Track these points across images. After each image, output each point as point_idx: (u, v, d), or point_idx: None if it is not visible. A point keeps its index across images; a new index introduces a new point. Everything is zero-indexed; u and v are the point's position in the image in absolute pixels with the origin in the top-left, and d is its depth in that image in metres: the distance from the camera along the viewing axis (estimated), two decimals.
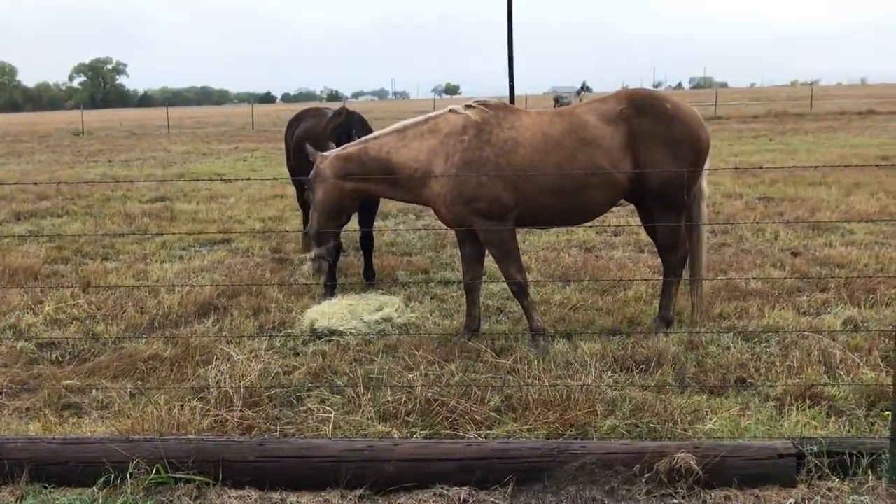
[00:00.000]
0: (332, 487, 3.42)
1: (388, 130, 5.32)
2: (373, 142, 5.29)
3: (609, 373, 4.67)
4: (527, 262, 7.27)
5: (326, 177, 5.29)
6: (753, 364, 4.73)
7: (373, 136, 5.38)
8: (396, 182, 5.19)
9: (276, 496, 3.42)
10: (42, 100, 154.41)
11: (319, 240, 5.55)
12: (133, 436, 3.70)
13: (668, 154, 5.08)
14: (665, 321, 5.44)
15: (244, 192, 13.36)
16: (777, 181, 12.34)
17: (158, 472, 3.42)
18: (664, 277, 5.54)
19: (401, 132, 5.22)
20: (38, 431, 4.06)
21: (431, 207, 5.28)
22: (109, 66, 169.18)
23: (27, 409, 4.45)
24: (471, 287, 5.46)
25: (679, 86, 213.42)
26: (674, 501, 3.28)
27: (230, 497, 3.40)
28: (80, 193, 13.44)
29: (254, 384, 4.41)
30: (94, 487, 3.43)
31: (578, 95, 46.99)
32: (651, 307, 5.94)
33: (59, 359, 5.26)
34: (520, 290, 5.25)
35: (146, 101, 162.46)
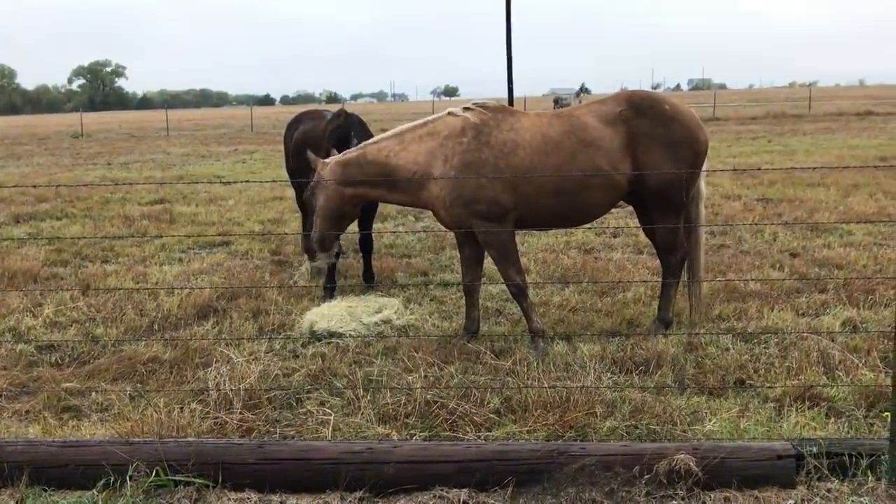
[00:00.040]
0: (332, 489, 3.42)
1: (388, 135, 5.34)
2: (372, 146, 5.30)
3: (608, 374, 4.68)
4: (526, 264, 7.28)
5: (327, 183, 5.32)
6: (753, 365, 4.74)
7: (372, 141, 5.40)
8: (396, 185, 5.20)
9: (276, 498, 3.42)
10: (41, 102, 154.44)
11: (322, 245, 5.60)
12: (133, 438, 3.71)
13: (667, 155, 5.09)
14: (664, 322, 5.44)
15: (243, 195, 13.35)
16: (776, 182, 12.35)
17: (158, 475, 3.43)
18: (663, 279, 5.54)
19: (399, 136, 5.24)
20: (38, 434, 4.06)
21: (431, 210, 5.28)
22: (108, 69, 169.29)
23: (27, 412, 4.45)
24: (470, 289, 5.46)
25: (678, 87, 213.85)
26: (673, 503, 3.28)
27: (230, 499, 3.40)
28: (80, 196, 13.44)
29: (253, 386, 4.41)
30: (94, 490, 3.43)
31: (578, 97, 47.10)
32: (650, 309, 5.95)
33: (59, 361, 5.26)
34: (519, 292, 5.25)
35: (145, 104, 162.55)
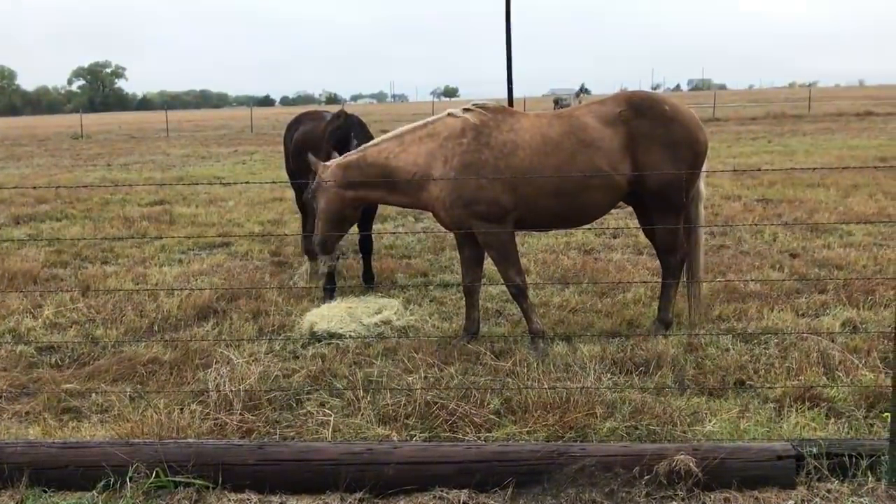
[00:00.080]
0: (332, 491, 3.42)
1: (388, 136, 5.34)
2: (372, 149, 5.31)
3: (608, 375, 4.67)
4: (526, 265, 7.28)
5: (328, 186, 5.33)
6: (752, 366, 4.74)
7: (372, 143, 5.41)
8: (396, 187, 5.20)
9: (276, 500, 3.42)
10: (41, 103, 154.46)
11: (324, 248, 5.62)
12: (133, 439, 3.71)
13: (667, 156, 5.10)
14: (664, 323, 5.44)
15: (243, 196, 13.36)
16: (775, 183, 12.35)
17: (158, 476, 3.43)
18: (663, 279, 5.54)
19: (399, 137, 5.24)
20: (38, 435, 4.07)
21: (431, 211, 5.29)
22: (108, 70, 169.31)
23: (27, 413, 4.45)
24: (470, 290, 5.46)
25: (677, 87, 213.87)
26: (673, 503, 3.28)
27: (230, 501, 3.40)
28: (79, 197, 13.44)
29: (253, 387, 4.41)
30: (94, 491, 3.43)
31: (577, 97, 47.14)
32: (650, 309, 5.95)
33: (59, 362, 5.26)
34: (519, 293, 5.25)
35: (145, 105, 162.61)
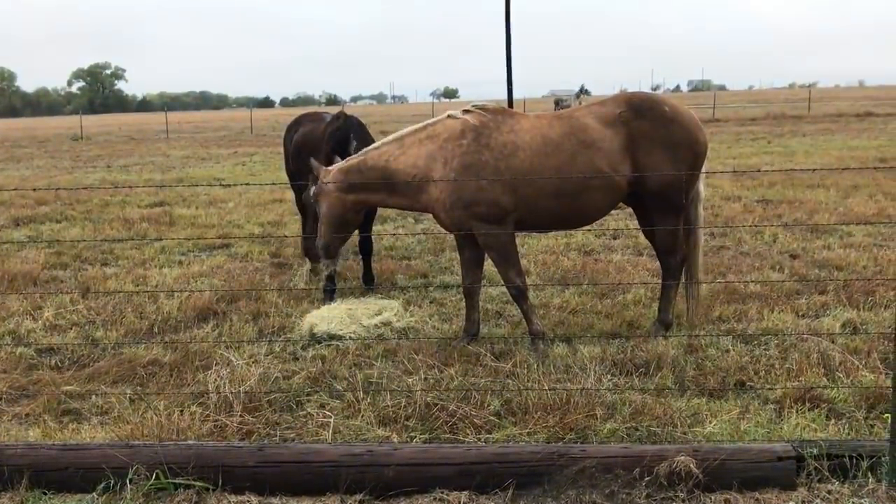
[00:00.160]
0: (332, 492, 3.42)
1: (388, 139, 5.36)
2: (373, 152, 5.32)
3: (608, 376, 4.67)
4: (526, 266, 7.28)
5: (330, 190, 5.34)
6: (753, 367, 4.73)
7: (373, 147, 5.42)
8: (396, 190, 5.21)
9: (276, 501, 3.42)
10: (41, 105, 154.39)
11: (327, 252, 5.64)
12: (133, 441, 3.70)
13: (667, 157, 5.10)
14: (664, 324, 5.44)
15: (243, 197, 13.36)
16: (775, 184, 12.35)
17: (158, 478, 3.42)
18: (663, 281, 5.54)
19: (399, 140, 5.25)
20: (38, 437, 4.06)
21: (431, 213, 5.29)
22: (108, 71, 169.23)
23: (27, 415, 4.45)
24: (470, 291, 5.46)
25: (677, 88, 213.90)
26: None
27: (230, 502, 3.40)
28: (79, 199, 13.44)
29: (253, 389, 4.40)
30: (94, 493, 3.43)
31: (578, 98, 47.18)
32: (650, 310, 5.95)
33: (59, 364, 5.26)
34: (519, 294, 5.25)
35: (145, 106, 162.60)
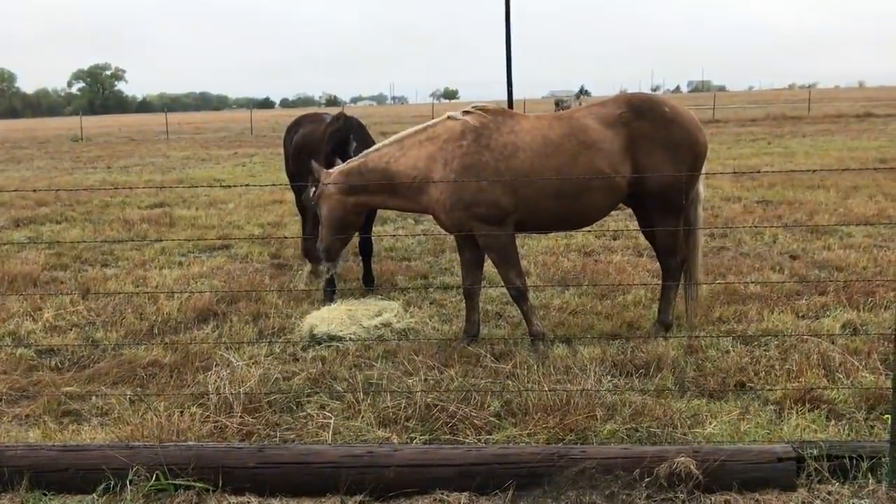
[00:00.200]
0: (332, 493, 3.42)
1: (389, 141, 5.37)
2: (373, 154, 5.33)
3: (608, 377, 4.67)
4: (526, 267, 7.27)
5: (331, 193, 5.35)
6: (753, 368, 4.73)
7: (373, 149, 5.42)
8: (397, 192, 5.22)
9: (276, 502, 3.42)
10: (41, 106, 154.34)
11: (329, 255, 5.66)
12: (133, 442, 3.70)
13: (668, 157, 5.10)
14: (664, 325, 5.44)
15: (243, 198, 13.36)
16: (775, 184, 12.35)
17: (158, 479, 3.42)
18: (663, 281, 5.54)
19: (399, 142, 5.26)
20: (38, 438, 4.06)
21: (431, 214, 5.29)
22: (108, 72, 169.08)
23: (27, 416, 4.45)
24: (470, 292, 5.46)
25: (677, 89, 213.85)
26: None
27: (230, 503, 3.40)
28: (79, 200, 13.45)
29: (253, 390, 4.41)
30: (94, 494, 3.43)
31: (578, 99, 47.21)
32: (650, 311, 5.95)
33: (59, 365, 5.26)
34: (519, 295, 5.25)
35: (145, 107, 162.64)
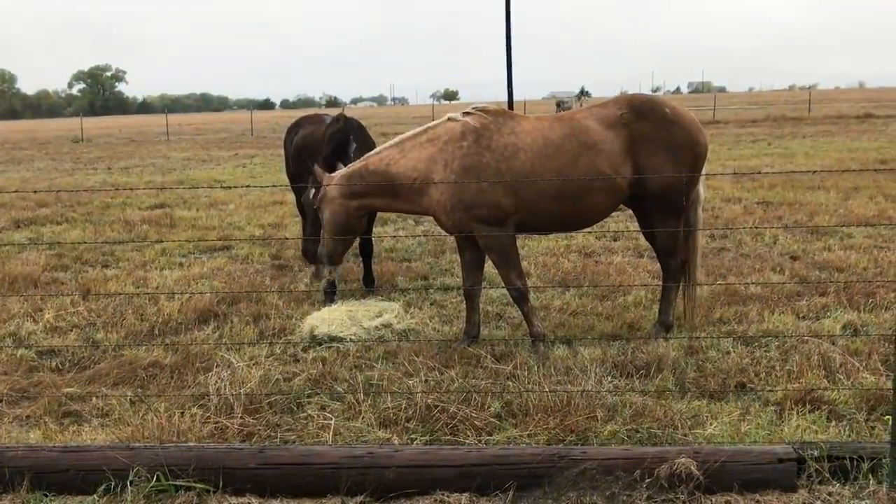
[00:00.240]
0: (333, 494, 3.42)
1: (389, 144, 5.38)
2: (374, 157, 5.34)
3: (609, 378, 4.67)
4: (526, 268, 7.27)
5: (333, 197, 5.36)
6: (753, 368, 4.73)
7: (374, 152, 5.43)
8: (398, 194, 5.22)
9: (277, 503, 3.42)
10: (41, 107, 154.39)
11: (332, 260, 5.67)
12: (133, 443, 3.70)
13: (668, 159, 5.10)
14: (665, 326, 5.44)
15: (244, 199, 13.37)
16: (776, 185, 12.35)
17: (159, 480, 3.42)
18: (663, 282, 5.54)
19: (400, 144, 5.27)
20: (39, 439, 4.07)
21: (432, 215, 5.29)
22: (108, 74, 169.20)
23: (27, 417, 4.45)
24: (470, 293, 5.46)
25: (677, 90, 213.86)
26: None
27: None
28: (80, 201, 13.45)
29: (254, 391, 4.41)
30: (95, 495, 3.43)
31: (579, 100, 47.19)
32: (651, 312, 5.94)
33: (60, 366, 5.26)
34: (520, 296, 5.25)
35: (145, 108, 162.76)
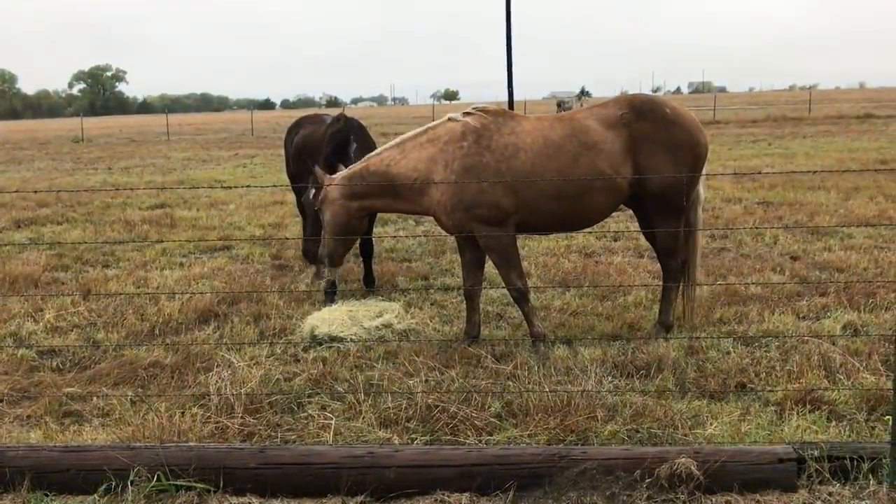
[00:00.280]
0: (333, 494, 3.42)
1: (390, 145, 5.39)
2: (374, 158, 5.34)
3: (609, 378, 4.68)
4: (527, 268, 7.27)
5: (334, 198, 5.36)
6: (753, 369, 4.73)
7: (375, 153, 5.44)
8: (398, 194, 5.23)
9: (277, 503, 3.42)
10: (42, 107, 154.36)
11: (332, 261, 5.67)
12: (134, 443, 3.71)
13: (669, 159, 5.10)
14: (665, 326, 5.44)
15: (244, 199, 13.37)
16: (776, 186, 12.35)
17: (159, 480, 3.42)
18: (664, 283, 5.55)
19: (401, 145, 5.28)
20: (40, 439, 4.07)
21: (433, 216, 5.29)
22: (109, 74, 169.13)
23: (28, 417, 4.45)
24: (471, 293, 5.46)
25: (678, 90, 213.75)
26: None
27: None
28: (80, 201, 13.45)
29: (254, 391, 4.41)
30: (96, 495, 3.43)
31: (579, 100, 47.20)
32: (651, 312, 5.95)
33: (60, 366, 5.27)
34: (520, 296, 5.25)
35: (145, 108, 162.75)
